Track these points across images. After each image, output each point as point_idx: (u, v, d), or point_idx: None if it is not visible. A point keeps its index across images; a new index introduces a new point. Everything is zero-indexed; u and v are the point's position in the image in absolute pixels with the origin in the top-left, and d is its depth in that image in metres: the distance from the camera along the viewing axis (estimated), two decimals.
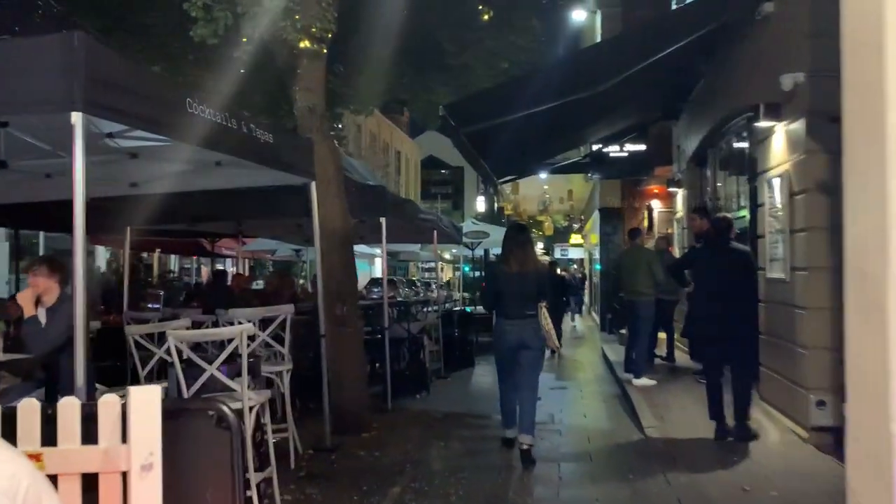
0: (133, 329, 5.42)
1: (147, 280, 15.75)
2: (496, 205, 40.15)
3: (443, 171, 56.93)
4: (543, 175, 20.11)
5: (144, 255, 17.13)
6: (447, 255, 41.43)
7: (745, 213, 8.58)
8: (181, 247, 15.39)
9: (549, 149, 11.69)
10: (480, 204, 28.64)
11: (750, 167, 8.28)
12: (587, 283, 27.40)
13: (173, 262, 22.57)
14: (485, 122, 7.40)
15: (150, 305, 14.25)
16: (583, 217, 30.17)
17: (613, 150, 14.08)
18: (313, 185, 6.02)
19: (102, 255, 19.38)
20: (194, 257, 24.38)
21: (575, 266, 36.06)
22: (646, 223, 18.15)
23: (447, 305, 16.52)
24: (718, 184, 10.51)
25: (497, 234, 17.90)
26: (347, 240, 6.90)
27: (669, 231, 13.85)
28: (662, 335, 10.65)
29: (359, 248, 17.45)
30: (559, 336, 15.78)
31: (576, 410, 8.04)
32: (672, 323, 10.41)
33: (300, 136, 6.26)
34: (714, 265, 6.32)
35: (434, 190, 52.40)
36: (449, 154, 54.49)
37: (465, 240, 15.65)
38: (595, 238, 24.58)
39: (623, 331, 12.40)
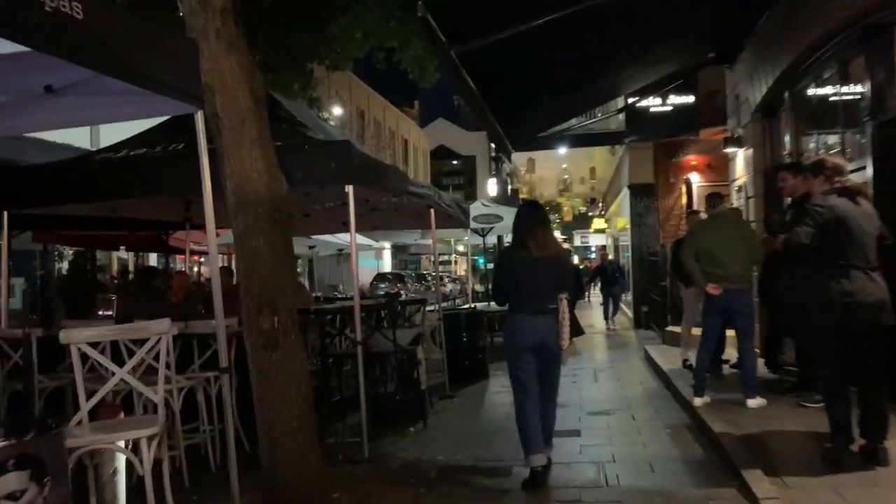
0: None
1: (98, 282, 13.41)
2: (510, 187, 37.61)
3: (454, 162, 54.61)
4: (563, 151, 17.70)
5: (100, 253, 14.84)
6: (460, 247, 39.05)
7: (859, 165, 6.19)
8: (141, 242, 12.97)
9: (572, 100, 9.18)
10: (492, 187, 26.07)
11: (875, 103, 5.87)
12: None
13: (181, 265, 19.98)
14: (485, 33, 4.95)
15: (101, 313, 11.99)
16: (605, 199, 27.65)
17: (654, 105, 11.51)
18: (199, 115, 3.61)
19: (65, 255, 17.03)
20: (180, 257, 21.76)
21: (594, 253, 33.53)
22: (683, 200, 16.16)
23: (457, 302, 14.09)
24: (803, 135, 8.00)
25: (511, 217, 15.41)
26: (280, 214, 4.41)
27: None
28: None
29: (363, 240, 14.97)
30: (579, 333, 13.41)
31: (635, 456, 5.48)
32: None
33: (173, 35, 3.80)
34: (855, 227, 4.30)
35: (445, 181, 50.27)
36: (460, 143, 52.48)
37: (473, 224, 13.18)
38: (622, 221, 22.12)
39: (677, 328, 9.95)
